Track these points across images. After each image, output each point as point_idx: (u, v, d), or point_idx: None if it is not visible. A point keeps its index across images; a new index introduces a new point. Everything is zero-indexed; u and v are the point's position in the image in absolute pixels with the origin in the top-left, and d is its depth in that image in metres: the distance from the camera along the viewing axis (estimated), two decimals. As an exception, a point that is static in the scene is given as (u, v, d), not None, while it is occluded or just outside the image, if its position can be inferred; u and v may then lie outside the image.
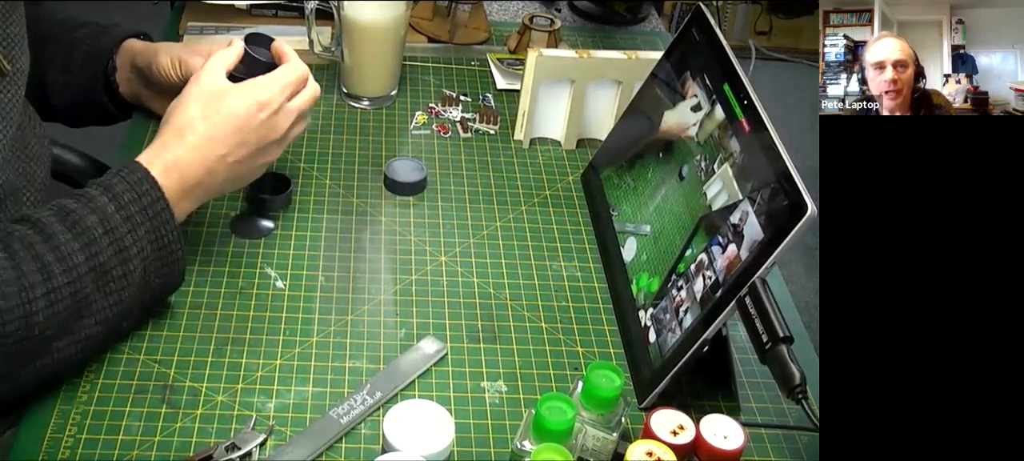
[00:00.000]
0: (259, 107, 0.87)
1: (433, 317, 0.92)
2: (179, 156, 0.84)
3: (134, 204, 0.80)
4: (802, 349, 0.81)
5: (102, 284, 0.78)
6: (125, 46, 1.08)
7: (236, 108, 0.87)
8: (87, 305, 0.77)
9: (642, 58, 1.13)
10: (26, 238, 0.76)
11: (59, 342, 0.77)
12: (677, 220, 0.91)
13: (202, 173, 0.85)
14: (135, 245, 0.79)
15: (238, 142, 0.86)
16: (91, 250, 0.77)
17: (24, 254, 0.75)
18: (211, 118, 0.86)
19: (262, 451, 0.78)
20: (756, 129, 0.85)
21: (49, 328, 0.75)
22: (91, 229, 0.77)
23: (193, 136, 0.85)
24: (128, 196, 0.80)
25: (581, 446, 0.77)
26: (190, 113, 0.86)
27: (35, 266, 0.74)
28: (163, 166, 0.83)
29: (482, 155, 1.15)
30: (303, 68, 0.92)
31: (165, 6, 1.43)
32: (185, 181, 0.84)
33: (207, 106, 0.86)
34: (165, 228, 0.81)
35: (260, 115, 0.87)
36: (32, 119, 0.95)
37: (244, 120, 0.87)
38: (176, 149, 0.85)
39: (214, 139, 0.86)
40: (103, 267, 0.77)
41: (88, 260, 0.77)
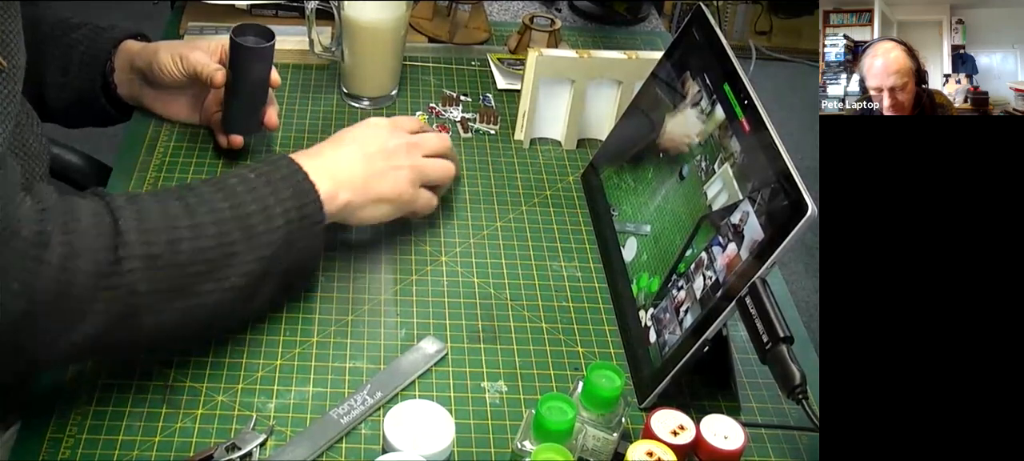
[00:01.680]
0: (393, 132, 0.94)
1: (433, 317, 0.92)
2: (315, 153, 0.89)
3: (275, 172, 0.83)
4: (802, 349, 0.81)
5: (248, 235, 0.79)
6: (123, 47, 1.08)
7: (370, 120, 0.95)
8: (233, 252, 0.78)
9: (642, 58, 1.13)
10: (167, 191, 0.79)
11: (206, 284, 0.77)
12: (677, 220, 0.91)
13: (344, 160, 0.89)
14: (279, 205, 0.81)
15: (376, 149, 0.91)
16: (234, 201, 0.79)
17: (167, 194, 0.78)
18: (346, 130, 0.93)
19: (262, 451, 0.78)
20: (756, 129, 0.85)
21: (197, 262, 0.76)
22: (233, 186, 0.80)
23: (328, 143, 0.92)
24: (267, 167, 0.83)
25: (581, 446, 0.77)
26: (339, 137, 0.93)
27: (179, 204, 0.77)
28: (299, 155, 0.87)
29: (482, 155, 1.15)
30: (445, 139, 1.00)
31: (165, 6, 1.43)
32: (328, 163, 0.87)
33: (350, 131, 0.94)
34: (308, 197, 0.83)
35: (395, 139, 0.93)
36: (30, 117, 0.95)
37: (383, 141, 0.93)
38: (311, 153, 0.89)
39: (346, 136, 0.92)
40: (248, 219, 0.79)
41: (232, 208, 0.78)
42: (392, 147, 0.93)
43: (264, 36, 1.00)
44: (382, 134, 0.94)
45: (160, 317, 0.75)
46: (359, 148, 0.91)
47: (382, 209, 0.93)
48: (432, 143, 0.97)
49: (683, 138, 0.95)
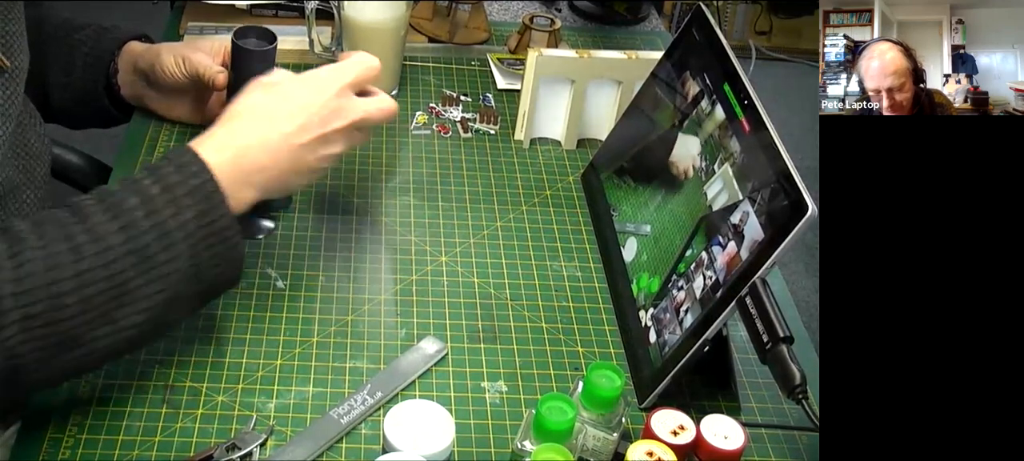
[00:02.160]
0: (320, 88, 0.82)
1: (433, 317, 0.92)
2: (235, 134, 0.79)
3: (180, 186, 0.74)
4: (802, 349, 0.81)
5: (145, 270, 0.72)
6: (127, 48, 1.08)
7: (298, 87, 0.82)
8: (128, 291, 0.72)
9: (642, 58, 1.14)
10: (61, 220, 0.72)
11: (99, 330, 0.71)
12: (677, 220, 0.91)
13: (262, 153, 0.79)
14: (181, 229, 0.73)
15: (301, 123, 0.80)
16: (130, 232, 0.72)
17: (54, 234, 0.70)
18: (271, 97, 0.81)
19: (262, 451, 0.78)
20: (756, 129, 0.85)
21: (85, 312, 0.70)
22: (131, 210, 0.72)
23: (251, 116, 0.80)
24: (174, 178, 0.74)
25: (581, 446, 0.77)
26: (249, 98, 0.82)
27: (65, 247, 0.70)
28: (214, 145, 0.77)
29: (482, 155, 1.15)
30: (371, 61, 0.86)
31: (165, 6, 1.43)
32: (242, 162, 0.78)
33: (267, 89, 0.82)
34: (216, 212, 0.75)
35: (322, 96, 0.82)
36: (33, 117, 0.95)
37: (307, 98, 0.81)
38: (230, 130, 0.79)
39: (275, 115, 0.80)
40: (145, 251, 0.72)
41: (126, 242, 0.71)
42: (327, 113, 0.82)
43: (266, 38, 1.00)
44: (316, 99, 0.82)
45: (48, 371, 0.71)
46: (288, 124, 0.80)
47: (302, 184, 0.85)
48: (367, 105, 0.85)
49: (689, 162, 0.95)
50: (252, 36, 0.98)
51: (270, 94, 0.82)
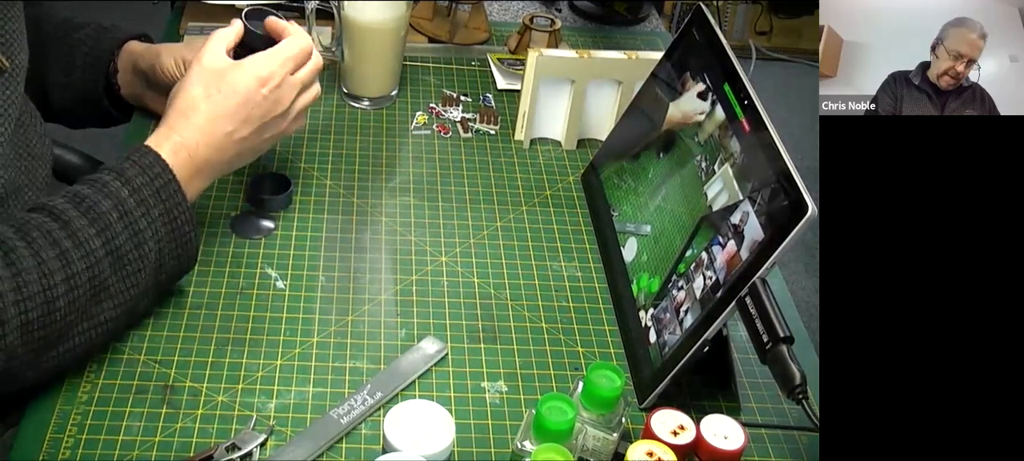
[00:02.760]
0: (260, 82, 0.89)
1: (433, 317, 0.92)
2: (186, 137, 0.86)
3: (147, 187, 0.81)
4: (802, 349, 0.81)
5: (119, 267, 0.79)
6: (126, 48, 1.08)
7: (237, 85, 0.88)
8: (105, 289, 0.78)
9: (642, 58, 1.14)
10: (44, 226, 0.77)
11: (80, 327, 0.78)
12: (677, 220, 0.91)
13: (209, 152, 0.87)
14: (149, 228, 0.81)
15: (242, 119, 0.88)
16: (107, 235, 0.78)
17: (42, 241, 0.76)
18: (214, 97, 0.87)
19: (262, 451, 0.78)
20: (756, 129, 0.85)
21: (70, 313, 0.76)
22: (106, 214, 0.79)
23: (198, 116, 0.86)
24: (140, 180, 0.81)
25: (581, 446, 0.77)
26: (193, 93, 0.87)
27: (54, 253, 0.75)
28: (171, 147, 0.85)
29: (482, 155, 1.15)
30: (305, 41, 0.93)
31: (165, 6, 1.43)
32: (194, 161, 0.86)
33: (209, 85, 0.87)
34: (178, 209, 0.83)
35: (262, 90, 0.89)
36: (33, 117, 0.94)
37: (246, 96, 0.88)
38: (183, 130, 0.86)
39: (218, 117, 0.87)
40: (119, 251, 0.79)
41: (104, 244, 0.78)
42: (269, 104, 0.90)
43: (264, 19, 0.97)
44: (256, 93, 0.89)
45: (37, 369, 0.77)
46: (231, 123, 0.88)
47: (251, 160, 0.94)
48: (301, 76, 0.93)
49: (687, 119, 0.95)
50: (260, 19, 0.96)
51: (211, 88, 0.87)
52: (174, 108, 0.87)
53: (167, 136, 0.86)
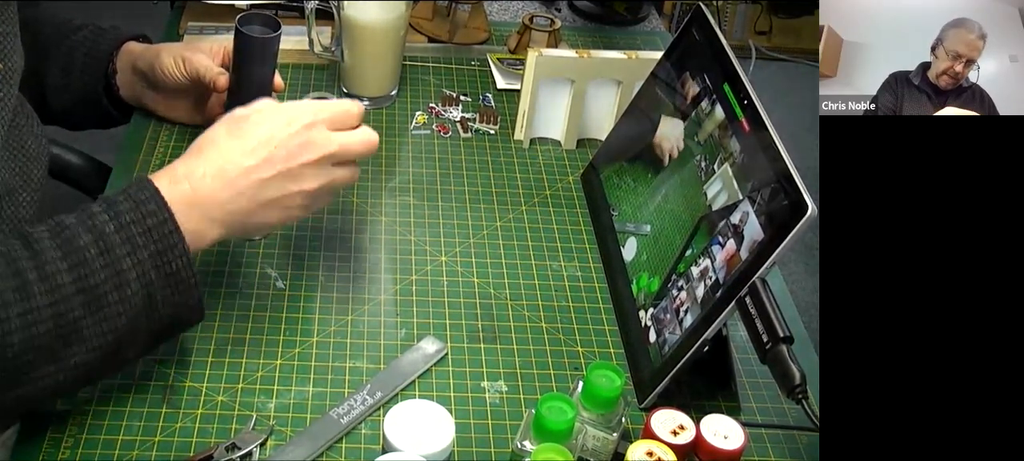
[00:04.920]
0: (288, 121, 0.78)
1: (433, 317, 0.92)
2: (191, 168, 0.76)
3: (136, 225, 0.72)
4: (802, 349, 0.81)
5: (95, 309, 0.70)
6: (125, 49, 1.08)
7: (264, 118, 0.79)
8: (76, 330, 0.70)
9: (642, 58, 1.14)
10: (11, 255, 0.70)
11: (43, 368, 0.70)
12: (677, 220, 0.91)
13: (218, 187, 0.76)
14: (135, 269, 0.72)
15: (264, 157, 0.77)
16: (81, 271, 0.70)
17: (4, 271, 0.68)
18: (235, 132, 0.78)
19: (262, 451, 0.78)
20: (756, 129, 0.85)
21: (27, 353, 0.68)
22: (83, 248, 0.70)
23: (212, 150, 0.77)
24: (131, 215, 0.72)
25: (581, 446, 0.77)
26: (216, 132, 0.79)
27: (13, 284, 0.68)
28: (171, 179, 0.75)
29: (482, 155, 1.15)
30: (349, 105, 0.83)
31: (165, 6, 1.43)
32: (197, 195, 0.75)
33: (233, 123, 0.79)
34: (172, 252, 0.73)
35: (290, 128, 0.78)
36: (29, 118, 0.94)
37: (272, 130, 0.78)
38: (192, 163, 0.77)
39: (237, 149, 0.77)
40: (95, 290, 0.70)
41: (76, 281, 0.70)
42: (295, 146, 0.78)
43: (270, 26, 0.96)
44: (282, 131, 0.78)
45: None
46: (250, 157, 0.77)
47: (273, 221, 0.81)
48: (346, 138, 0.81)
49: (673, 143, 0.95)
50: (256, 23, 0.95)
51: (235, 126, 0.79)
52: (190, 149, 0.79)
53: (172, 168, 0.77)
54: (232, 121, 0.79)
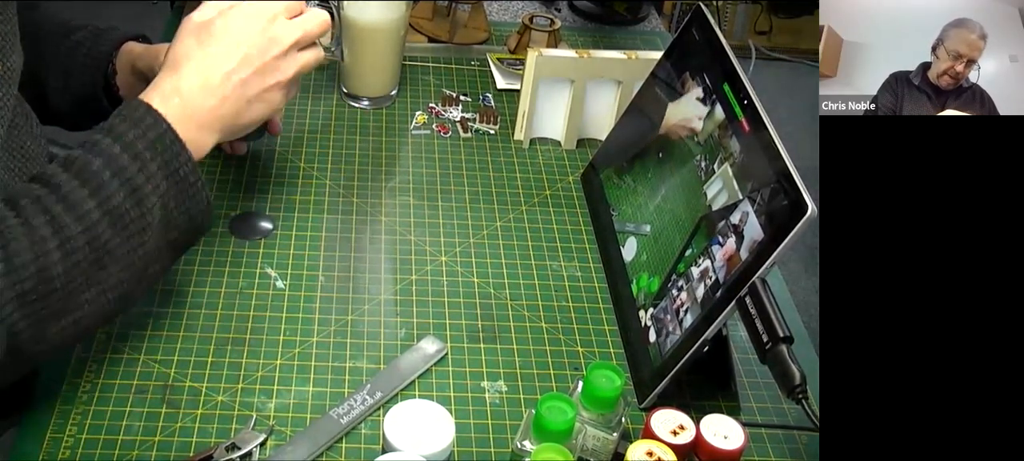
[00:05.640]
0: (252, 18, 0.84)
1: (433, 317, 0.92)
2: (178, 84, 0.81)
3: (140, 140, 0.76)
4: (802, 349, 0.81)
5: (120, 227, 0.74)
6: (125, 49, 1.08)
7: (229, 23, 0.83)
8: (108, 252, 0.74)
9: (642, 58, 1.14)
10: (33, 193, 0.74)
11: (86, 294, 0.74)
12: (677, 220, 0.91)
13: (206, 96, 0.82)
14: (149, 182, 0.76)
15: (241, 58, 0.83)
16: (101, 194, 0.74)
17: (32, 209, 0.72)
18: (206, 41, 0.83)
19: (262, 451, 0.78)
20: (756, 129, 0.85)
21: (71, 281, 0.72)
22: (98, 173, 0.74)
23: (190, 63, 0.82)
24: (132, 134, 0.76)
25: (581, 446, 0.77)
26: (184, 44, 0.83)
27: (44, 219, 0.72)
28: (161, 96, 0.80)
29: (482, 155, 1.15)
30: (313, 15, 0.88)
31: (165, 6, 1.43)
32: (189, 107, 0.80)
33: (201, 33, 0.83)
34: (178, 160, 0.78)
35: (255, 26, 0.84)
36: (28, 119, 0.94)
37: (241, 33, 0.83)
38: (174, 79, 0.81)
39: (213, 57, 0.82)
40: (118, 210, 0.74)
41: (100, 205, 0.74)
42: (264, 43, 0.84)
43: None
44: (249, 33, 0.84)
45: (45, 343, 0.73)
46: (227, 63, 0.82)
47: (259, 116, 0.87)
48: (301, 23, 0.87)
49: (684, 125, 0.95)
50: None
51: (203, 34, 0.83)
52: (164, 65, 0.83)
53: (156, 87, 0.81)
54: (197, 29, 0.83)
